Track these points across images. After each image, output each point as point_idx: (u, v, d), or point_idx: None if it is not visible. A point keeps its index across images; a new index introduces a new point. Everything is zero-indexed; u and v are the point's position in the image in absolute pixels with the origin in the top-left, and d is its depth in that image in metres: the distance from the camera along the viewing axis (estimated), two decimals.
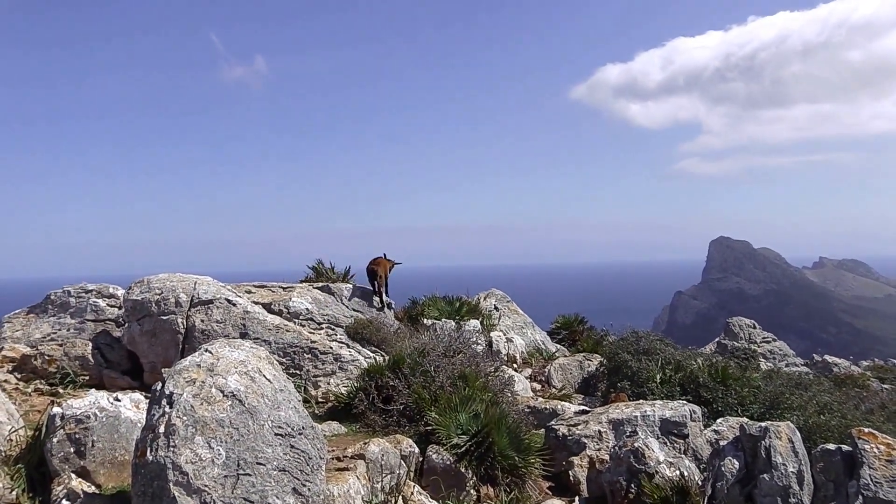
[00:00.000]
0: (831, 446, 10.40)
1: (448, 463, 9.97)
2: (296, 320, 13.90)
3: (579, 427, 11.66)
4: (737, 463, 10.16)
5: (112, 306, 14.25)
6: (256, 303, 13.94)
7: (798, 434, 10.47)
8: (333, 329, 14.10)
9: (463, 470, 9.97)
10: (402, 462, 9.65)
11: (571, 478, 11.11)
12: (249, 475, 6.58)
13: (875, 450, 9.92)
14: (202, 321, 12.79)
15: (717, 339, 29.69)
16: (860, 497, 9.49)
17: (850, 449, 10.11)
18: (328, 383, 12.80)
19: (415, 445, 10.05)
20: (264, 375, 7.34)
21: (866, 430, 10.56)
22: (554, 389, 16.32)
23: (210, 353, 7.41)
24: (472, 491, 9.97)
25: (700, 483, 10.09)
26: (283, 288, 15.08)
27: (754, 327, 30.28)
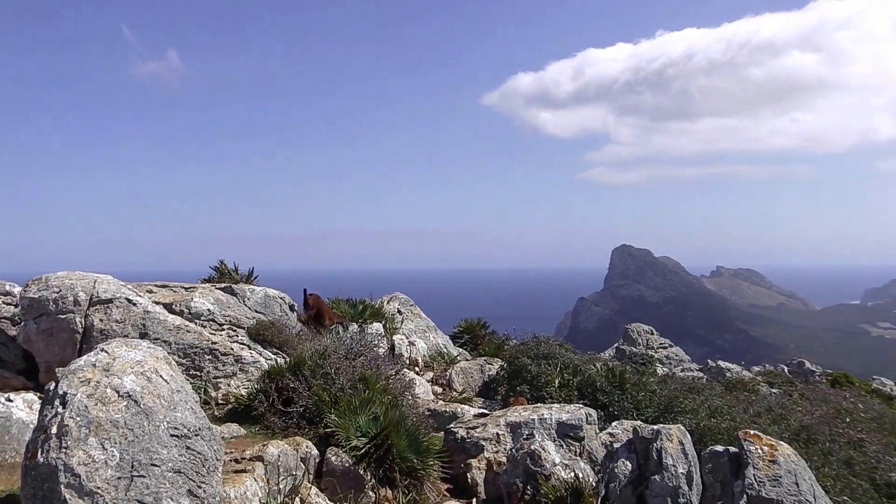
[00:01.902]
0: (719, 448, 10.82)
1: (347, 465, 10.02)
2: (197, 321, 13.71)
3: (478, 430, 11.83)
4: (629, 464, 10.48)
5: (8, 304, 13.83)
6: (157, 303, 13.70)
7: (688, 436, 10.86)
8: (235, 330, 13.96)
9: (362, 472, 10.03)
10: (301, 464, 9.66)
11: (469, 480, 11.24)
12: (144, 477, 6.51)
13: (759, 451, 10.37)
14: (101, 321, 12.50)
15: (616, 345, 30.40)
16: (745, 496, 9.91)
17: (737, 450, 10.55)
18: (229, 385, 12.68)
19: (314, 447, 10.06)
20: (161, 376, 7.27)
21: (752, 432, 11.04)
22: (455, 393, 16.47)
23: (106, 352, 7.31)
24: (370, 493, 10.03)
25: (594, 484, 10.37)
26: (186, 288, 14.85)
27: (652, 333, 31.09)
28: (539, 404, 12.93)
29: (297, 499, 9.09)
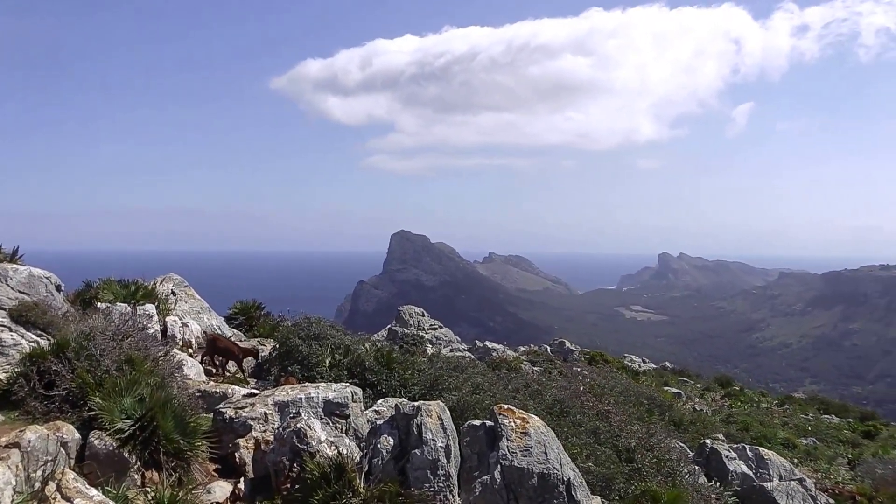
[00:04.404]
0: (476, 422, 11.61)
1: (111, 448, 9.89)
2: None
3: (246, 409, 11.96)
4: (392, 440, 11.03)
5: None
6: None
7: (447, 412, 11.56)
8: None
9: (126, 455, 9.93)
10: (62, 449, 9.45)
11: (238, 459, 11.37)
12: None
13: (512, 424, 11.24)
14: None
15: (388, 326, 31.20)
16: (499, 466, 10.73)
17: (493, 423, 11.37)
18: None
19: (76, 432, 9.86)
20: None
21: (506, 406, 11.92)
22: (228, 373, 16.47)
23: None
24: (135, 476, 9.95)
25: (358, 460, 10.81)
26: None
27: (423, 315, 32.13)
28: (307, 384, 13.19)
29: (55, 485, 8.90)
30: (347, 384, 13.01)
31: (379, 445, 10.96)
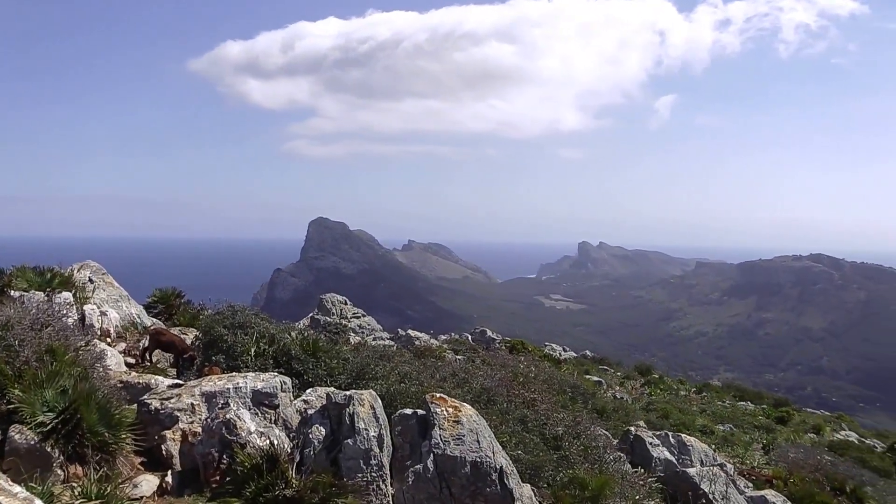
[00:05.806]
0: (408, 411, 11.65)
1: (33, 443, 9.60)
2: None
3: (172, 400, 11.67)
4: (323, 430, 10.98)
5: None
6: None
7: (379, 401, 11.56)
8: None
9: (49, 449, 9.65)
10: None
11: (164, 452, 11.11)
12: None
13: (445, 412, 11.31)
14: None
15: (311, 314, 31.02)
16: (431, 454, 10.81)
17: (424, 412, 11.44)
18: None
19: None
20: None
21: (438, 395, 12.00)
22: (149, 363, 16.13)
23: None
24: (59, 471, 9.69)
25: (290, 450, 10.73)
26: None
27: (346, 303, 32.06)
28: (235, 374, 12.95)
29: None
30: (276, 374, 12.83)
31: (311, 435, 10.90)
